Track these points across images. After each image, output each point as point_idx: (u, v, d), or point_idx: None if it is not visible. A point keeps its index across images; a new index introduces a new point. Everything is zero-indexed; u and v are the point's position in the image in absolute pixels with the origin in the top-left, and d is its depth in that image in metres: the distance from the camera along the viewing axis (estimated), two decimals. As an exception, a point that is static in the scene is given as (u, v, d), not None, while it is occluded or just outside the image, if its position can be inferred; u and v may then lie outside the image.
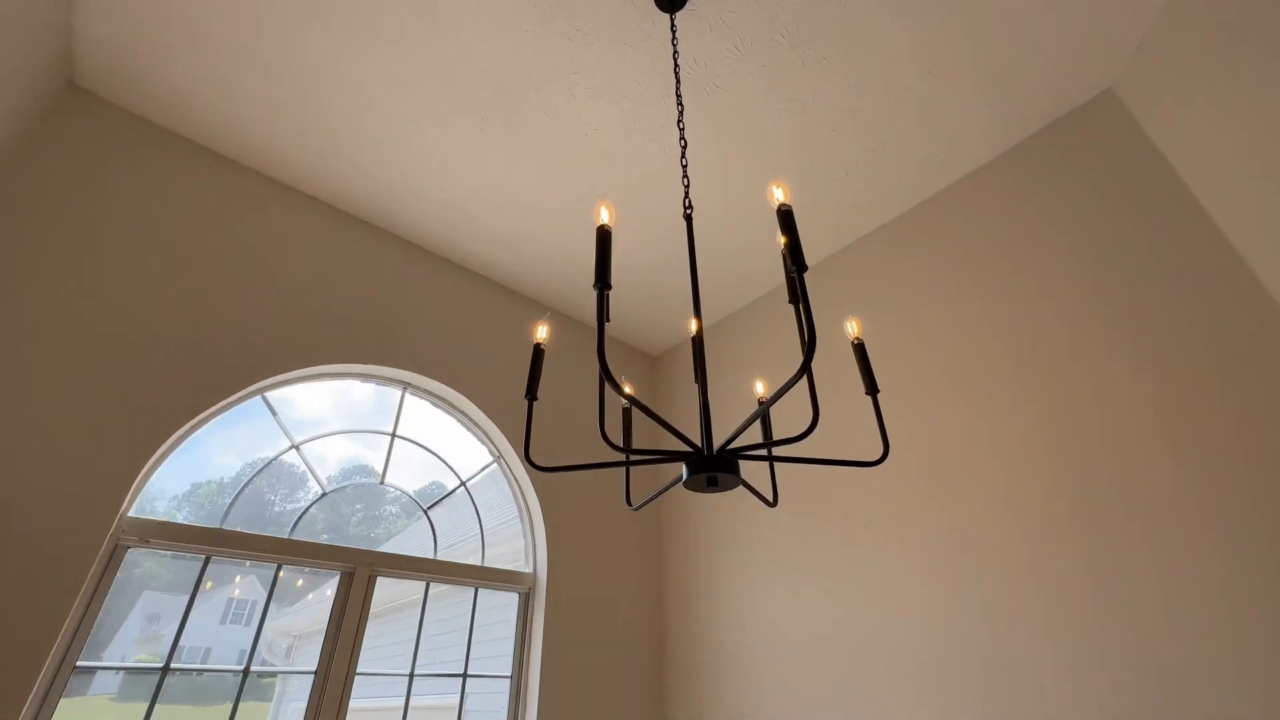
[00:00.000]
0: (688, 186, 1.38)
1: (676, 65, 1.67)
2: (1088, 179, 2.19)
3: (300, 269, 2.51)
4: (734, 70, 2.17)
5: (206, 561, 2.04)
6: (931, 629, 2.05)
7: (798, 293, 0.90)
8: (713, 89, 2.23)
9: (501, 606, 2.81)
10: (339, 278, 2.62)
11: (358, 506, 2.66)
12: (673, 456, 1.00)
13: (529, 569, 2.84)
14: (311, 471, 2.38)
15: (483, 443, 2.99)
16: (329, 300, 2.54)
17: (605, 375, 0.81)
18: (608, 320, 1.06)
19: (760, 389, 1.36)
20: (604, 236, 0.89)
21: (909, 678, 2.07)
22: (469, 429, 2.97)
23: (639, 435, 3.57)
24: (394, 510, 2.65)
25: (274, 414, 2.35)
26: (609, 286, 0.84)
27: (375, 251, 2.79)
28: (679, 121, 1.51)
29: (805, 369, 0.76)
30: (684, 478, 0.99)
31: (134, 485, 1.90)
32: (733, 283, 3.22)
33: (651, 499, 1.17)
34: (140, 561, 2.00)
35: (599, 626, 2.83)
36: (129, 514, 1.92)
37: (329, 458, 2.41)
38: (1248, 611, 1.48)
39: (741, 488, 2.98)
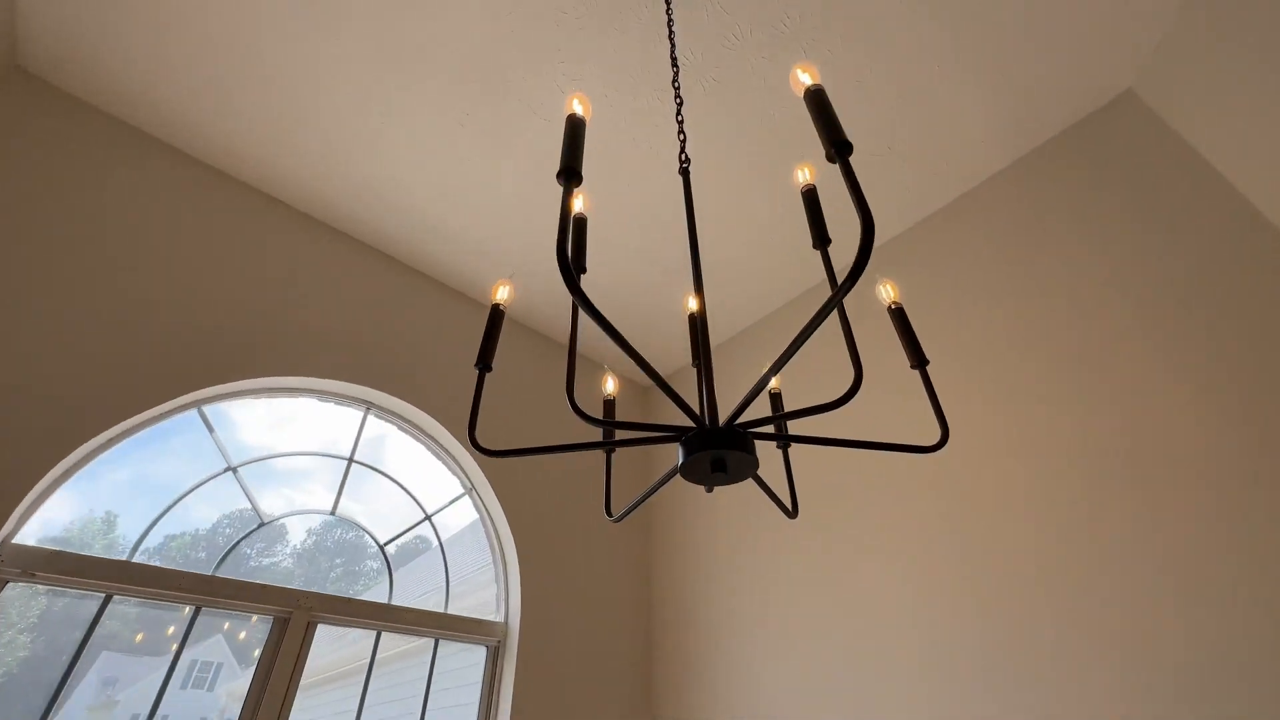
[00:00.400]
0: (684, 142, 1.17)
1: (671, 32, 1.51)
2: (1114, 180, 2.04)
3: (249, 271, 2.27)
4: (732, 61, 2.02)
5: (107, 601, 1.70)
6: (936, 631, 1.91)
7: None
8: (709, 83, 2.08)
9: (467, 668, 2.42)
10: (294, 284, 2.38)
11: (337, 561, 2.35)
12: (666, 434, 0.74)
13: (499, 618, 2.48)
14: (249, 498, 2.07)
15: (454, 473, 2.69)
16: (281, 307, 2.29)
17: (575, 294, 0.57)
18: (578, 261, 0.82)
19: (772, 381, 1.12)
20: (575, 125, 0.66)
21: (913, 680, 1.89)
22: (439, 457, 2.67)
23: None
24: (375, 566, 2.35)
25: (210, 430, 2.06)
26: (578, 179, 0.61)
27: (338, 258, 2.57)
28: (674, 81, 1.33)
29: (859, 271, 0.52)
30: (681, 463, 0.73)
31: (22, 505, 1.59)
32: (734, 300, 3.01)
33: (637, 504, 0.90)
34: (102, 620, 1.71)
35: (578, 683, 2.45)
36: (14, 540, 1.60)
37: (311, 509, 2.15)
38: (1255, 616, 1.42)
39: (744, 496, 2.66)
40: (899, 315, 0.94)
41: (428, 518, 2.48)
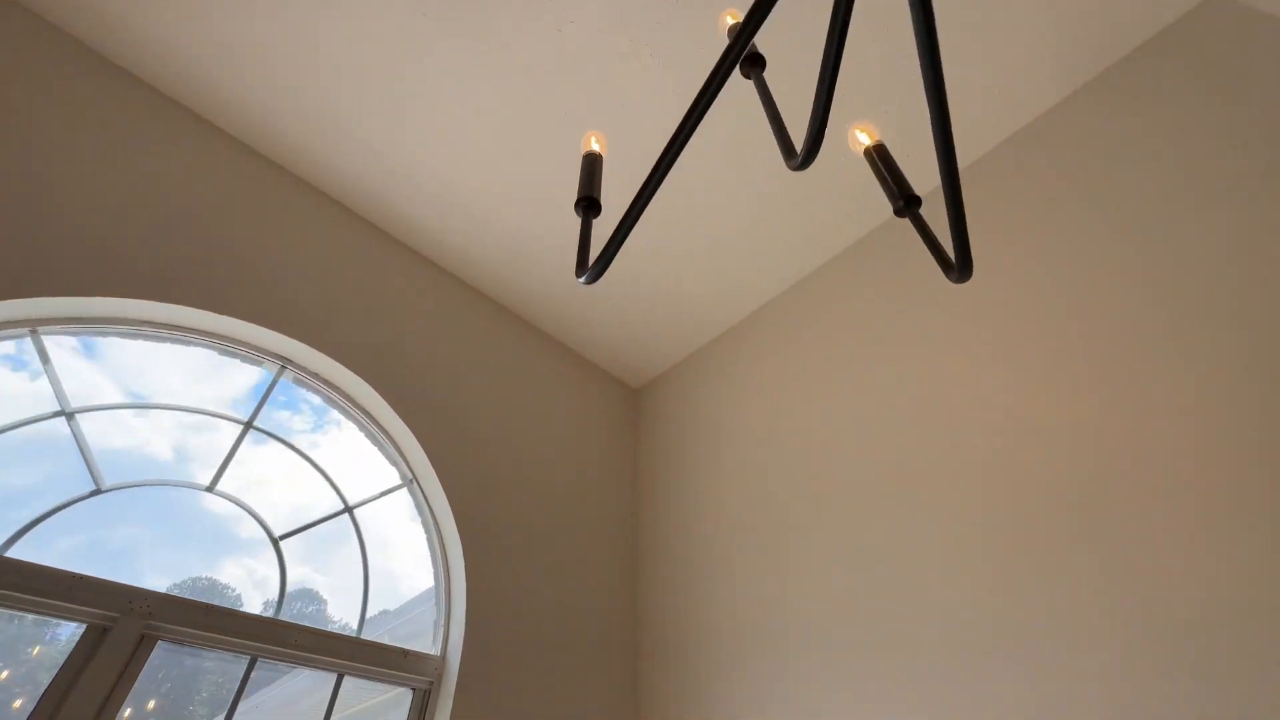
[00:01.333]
0: None
1: None
2: (1218, 85, 1.67)
3: (137, 169, 1.79)
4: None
5: None
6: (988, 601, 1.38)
7: None
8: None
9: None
10: (200, 201, 1.90)
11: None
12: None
13: (435, 650, 1.85)
14: (86, 458, 1.50)
15: (393, 462, 2.12)
16: (177, 220, 1.80)
17: None
18: None
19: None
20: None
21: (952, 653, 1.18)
22: (375, 440, 2.11)
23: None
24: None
25: (45, 361, 1.51)
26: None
27: (265, 187, 2.10)
28: None
29: None
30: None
31: None
32: (730, 289, 2.55)
33: (617, 241, 0.44)
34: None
35: (538, 752, 1.79)
36: None
37: (271, 580, 1.75)
38: None
39: (755, 502, 2.08)
40: None
41: (348, 509, 1.90)
